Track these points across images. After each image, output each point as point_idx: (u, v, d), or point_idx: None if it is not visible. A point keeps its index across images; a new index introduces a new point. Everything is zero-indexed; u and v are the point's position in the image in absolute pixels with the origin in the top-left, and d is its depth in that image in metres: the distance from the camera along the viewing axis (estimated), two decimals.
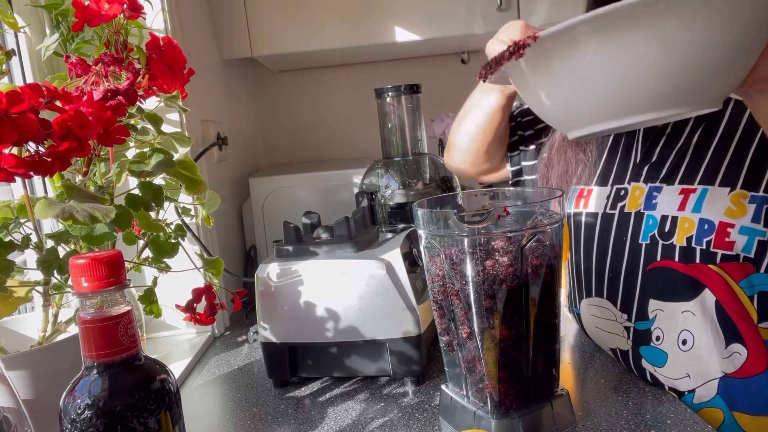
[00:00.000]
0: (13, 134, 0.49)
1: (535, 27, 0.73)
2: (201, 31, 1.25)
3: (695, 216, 0.70)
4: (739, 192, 0.67)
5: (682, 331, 0.72)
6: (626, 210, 0.77)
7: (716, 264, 0.69)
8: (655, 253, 0.73)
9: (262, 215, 1.33)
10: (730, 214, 0.67)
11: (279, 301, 0.82)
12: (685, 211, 0.70)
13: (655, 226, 0.73)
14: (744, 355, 0.69)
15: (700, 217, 0.69)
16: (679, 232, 0.71)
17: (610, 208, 0.80)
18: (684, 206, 0.71)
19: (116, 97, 0.60)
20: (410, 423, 0.72)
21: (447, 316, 0.68)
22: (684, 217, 0.70)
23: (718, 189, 0.69)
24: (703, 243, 0.69)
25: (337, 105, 1.75)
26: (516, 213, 0.67)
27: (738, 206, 0.67)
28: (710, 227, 0.68)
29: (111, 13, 0.64)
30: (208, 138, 1.19)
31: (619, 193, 0.79)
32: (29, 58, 0.91)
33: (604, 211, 0.80)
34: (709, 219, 0.68)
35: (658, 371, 0.74)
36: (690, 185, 0.71)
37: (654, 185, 0.75)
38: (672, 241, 0.71)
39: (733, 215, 0.67)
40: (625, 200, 0.78)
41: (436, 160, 1.11)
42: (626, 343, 0.78)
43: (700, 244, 0.69)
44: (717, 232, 0.68)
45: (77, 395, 0.41)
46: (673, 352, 0.73)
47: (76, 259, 0.41)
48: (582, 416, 0.70)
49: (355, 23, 1.31)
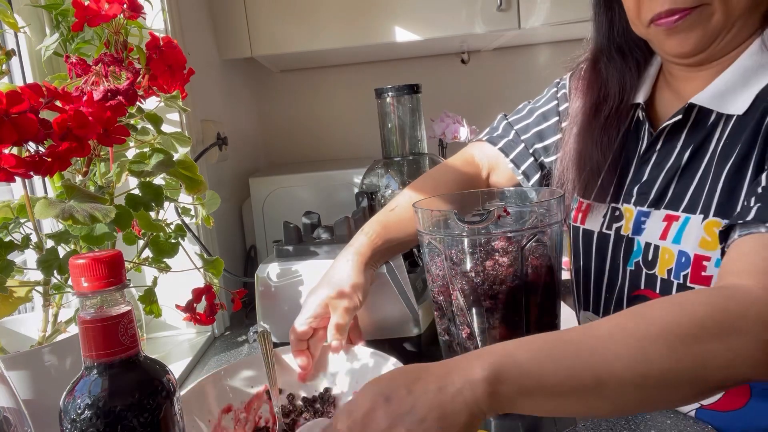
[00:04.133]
0: (13, 134, 0.49)
1: None
2: (201, 31, 1.25)
3: (675, 247, 0.65)
4: (713, 220, 0.62)
5: None
6: (622, 232, 0.74)
7: None
8: (639, 281, 0.70)
9: (262, 215, 1.33)
10: (705, 245, 0.62)
11: (279, 301, 0.82)
12: (666, 241, 0.66)
13: (640, 253, 0.70)
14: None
15: (679, 249, 0.65)
16: (660, 263, 0.67)
17: (606, 228, 0.76)
18: (666, 235, 0.66)
19: (116, 97, 0.61)
20: None
21: (447, 316, 0.68)
22: (665, 248, 0.67)
23: (696, 217, 0.64)
24: (680, 277, 0.65)
25: (337, 105, 1.75)
26: (516, 213, 0.67)
27: (712, 236, 0.61)
28: (687, 260, 0.64)
29: (111, 13, 0.64)
30: (208, 138, 1.19)
31: (614, 213, 0.76)
32: (29, 58, 0.91)
33: (600, 230, 0.77)
34: (686, 251, 0.64)
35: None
36: (675, 212, 0.67)
37: (642, 209, 0.71)
38: (654, 271, 0.68)
39: (708, 247, 0.62)
40: (621, 221, 0.74)
41: (436, 160, 1.11)
42: None
43: (678, 279, 0.65)
44: (693, 266, 0.63)
45: (77, 395, 0.41)
46: None
47: (76, 259, 0.41)
48: None
49: (355, 23, 1.31)
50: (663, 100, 0.76)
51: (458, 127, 1.51)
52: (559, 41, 1.70)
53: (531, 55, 1.72)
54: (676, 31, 0.64)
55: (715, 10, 0.62)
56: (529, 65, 1.73)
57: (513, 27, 1.32)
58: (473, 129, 1.53)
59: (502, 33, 1.38)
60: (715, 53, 0.66)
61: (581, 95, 0.82)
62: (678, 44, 0.65)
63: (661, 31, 0.65)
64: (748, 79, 0.63)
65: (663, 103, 0.75)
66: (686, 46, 0.65)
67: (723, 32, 0.64)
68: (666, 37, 0.66)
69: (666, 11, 0.63)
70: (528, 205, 0.70)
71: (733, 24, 0.63)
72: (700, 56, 0.66)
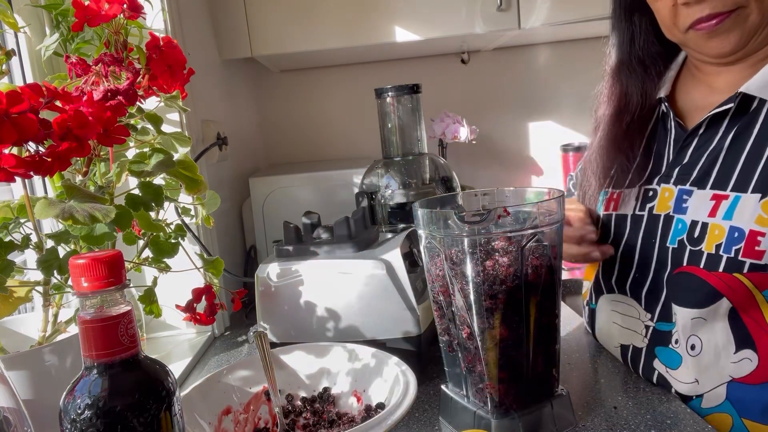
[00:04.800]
0: (13, 134, 0.49)
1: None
2: (201, 31, 1.25)
3: (726, 223, 0.68)
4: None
5: (690, 336, 0.71)
6: (655, 212, 0.76)
7: (742, 273, 0.67)
8: (682, 258, 0.72)
9: (262, 215, 1.33)
10: (762, 222, 0.65)
11: (279, 301, 0.82)
12: (716, 218, 0.69)
13: (684, 231, 0.72)
14: (755, 362, 0.68)
15: (730, 225, 0.67)
16: (709, 238, 0.69)
17: (639, 210, 0.79)
18: (715, 213, 0.69)
19: (116, 97, 0.60)
20: (410, 423, 0.72)
21: (447, 316, 0.68)
22: (714, 224, 0.69)
23: (750, 196, 0.67)
24: (731, 251, 0.67)
25: (337, 105, 1.75)
26: (516, 213, 0.67)
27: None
28: (740, 235, 0.67)
29: (111, 13, 0.64)
30: (208, 138, 1.19)
31: (647, 194, 0.78)
32: (29, 58, 0.91)
33: (633, 213, 0.79)
34: (740, 227, 0.67)
35: (670, 373, 0.74)
36: (722, 191, 0.70)
37: (684, 188, 0.74)
38: (701, 247, 0.70)
39: (764, 223, 0.65)
40: (654, 201, 0.77)
41: (436, 160, 1.11)
42: (642, 341, 0.77)
43: (728, 252, 0.67)
44: (747, 241, 0.66)
45: (77, 395, 0.41)
46: (686, 356, 0.72)
47: (76, 259, 0.41)
48: (582, 416, 0.70)
49: (355, 23, 1.31)
50: (692, 93, 0.80)
51: (458, 127, 1.51)
52: (559, 41, 1.70)
53: (531, 55, 1.72)
54: (717, 33, 0.69)
55: (751, 11, 0.67)
56: (529, 65, 1.73)
57: (513, 27, 1.32)
58: (473, 129, 1.53)
59: (502, 33, 1.38)
60: (751, 50, 0.71)
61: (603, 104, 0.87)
62: (719, 45, 0.70)
63: (702, 35, 0.70)
64: None
65: (692, 96, 0.80)
66: (727, 47, 0.70)
67: (759, 30, 0.69)
68: (707, 40, 0.71)
69: (706, 16, 0.68)
70: (528, 205, 0.70)
71: (767, 23, 0.69)
72: (738, 54, 0.71)
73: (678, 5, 0.70)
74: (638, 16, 0.81)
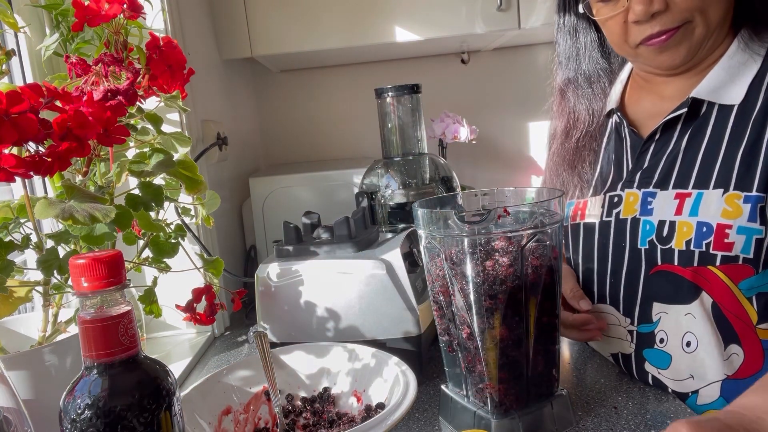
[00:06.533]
0: (13, 134, 0.49)
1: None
2: (201, 31, 1.25)
3: (693, 219, 0.70)
4: (733, 193, 0.69)
5: (686, 333, 0.72)
6: (622, 216, 0.78)
7: (716, 266, 0.69)
8: (656, 258, 0.74)
9: (262, 215, 1.33)
10: (727, 215, 0.68)
11: (279, 301, 0.82)
12: (683, 216, 0.71)
13: (653, 231, 0.74)
14: (741, 356, 0.70)
15: (697, 221, 0.70)
16: (678, 236, 0.72)
17: (606, 216, 0.81)
18: (681, 210, 0.72)
19: (116, 97, 0.60)
20: (410, 423, 0.72)
21: (447, 316, 0.68)
22: (682, 221, 0.71)
23: (712, 192, 0.70)
24: (702, 245, 0.70)
25: (337, 105, 1.75)
26: (516, 213, 0.67)
27: (733, 207, 0.68)
28: (708, 230, 0.69)
29: (111, 13, 0.64)
30: (208, 138, 1.19)
31: (612, 200, 0.80)
32: (29, 58, 0.91)
33: (601, 220, 0.81)
34: (707, 222, 0.69)
35: (661, 373, 0.74)
36: (684, 189, 0.72)
37: (648, 190, 0.76)
38: (671, 245, 0.72)
39: (730, 216, 0.68)
40: (620, 207, 0.79)
41: (436, 160, 1.11)
42: (629, 347, 0.78)
43: (699, 247, 0.70)
44: (716, 234, 0.69)
45: (77, 395, 0.41)
46: (677, 354, 0.73)
47: (76, 259, 0.41)
48: (582, 416, 0.70)
49: (355, 23, 1.31)
50: (642, 102, 0.84)
51: (458, 127, 1.51)
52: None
53: (531, 55, 1.72)
54: (667, 48, 0.73)
55: (697, 24, 0.71)
56: (529, 65, 1.73)
57: (513, 27, 1.32)
58: (473, 129, 1.53)
59: (502, 33, 1.38)
60: (698, 59, 0.75)
61: (554, 119, 0.91)
62: (669, 58, 0.74)
63: (652, 50, 0.74)
64: (734, 75, 0.73)
65: (642, 106, 0.83)
66: (677, 59, 0.74)
67: (704, 42, 0.73)
68: (657, 55, 0.74)
69: (656, 33, 0.72)
70: (528, 205, 0.70)
71: (711, 34, 0.73)
72: (688, 64, 0.75)
73: (629, 23, 0.73)
74: (582, 34, 0.85)
